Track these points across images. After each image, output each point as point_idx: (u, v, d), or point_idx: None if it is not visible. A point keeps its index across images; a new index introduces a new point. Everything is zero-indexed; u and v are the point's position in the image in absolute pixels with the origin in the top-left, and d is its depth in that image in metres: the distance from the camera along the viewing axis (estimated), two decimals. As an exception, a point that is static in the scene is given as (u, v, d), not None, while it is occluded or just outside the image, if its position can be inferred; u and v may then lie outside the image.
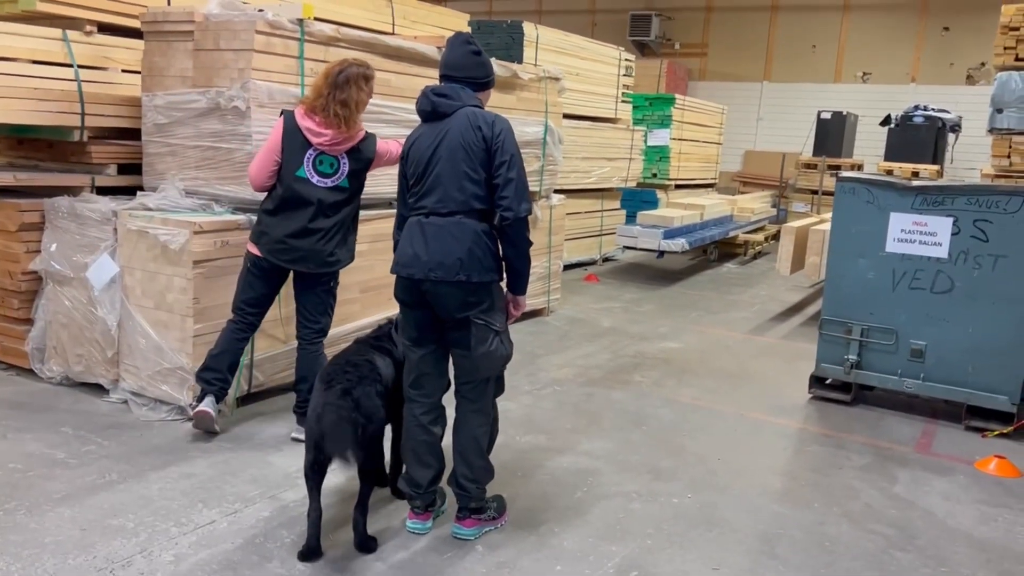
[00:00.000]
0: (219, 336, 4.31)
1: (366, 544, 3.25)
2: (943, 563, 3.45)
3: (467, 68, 3.37)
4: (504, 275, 3.38)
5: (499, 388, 3.54)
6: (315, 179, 4.11)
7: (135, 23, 5.06)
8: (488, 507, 3.50)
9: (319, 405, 3.16)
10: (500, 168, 3.23)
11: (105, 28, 5.34)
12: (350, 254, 4.36)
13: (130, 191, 4.97)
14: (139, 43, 5.06)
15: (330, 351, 5.20)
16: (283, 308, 4.85)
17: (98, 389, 4.79)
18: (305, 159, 4.09)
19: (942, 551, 3.55)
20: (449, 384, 3.56)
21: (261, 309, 4.37)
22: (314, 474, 3.16)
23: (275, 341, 4.86)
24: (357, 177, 4.25)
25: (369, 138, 4.26)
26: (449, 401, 3.51)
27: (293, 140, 4.08)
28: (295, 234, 4.12)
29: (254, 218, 4.63)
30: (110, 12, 5.31)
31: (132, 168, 5.14)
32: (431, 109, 3.33)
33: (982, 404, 5.04)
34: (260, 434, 4.39)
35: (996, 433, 4.96)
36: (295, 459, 4.07)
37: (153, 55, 4.86)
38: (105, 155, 5.13)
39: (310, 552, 3.17)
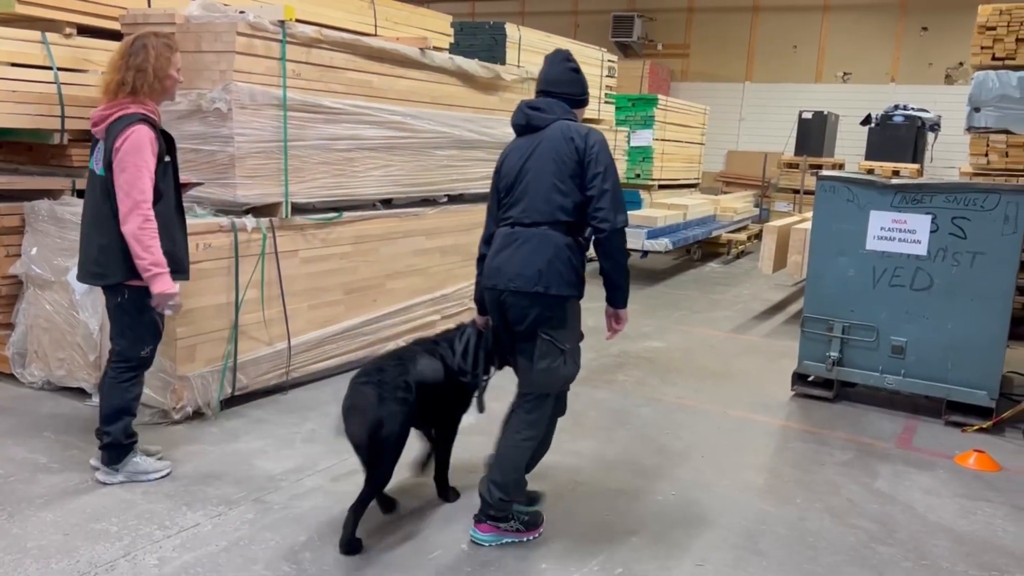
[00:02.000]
0: None
1: (352, 545, 3.24)
2: (924, 556, 3.49)
3: (565, 84, 3.40)
4: (582, 292, 3.32)
5: (560, 408, 3.50)
6: (95, 168, 3.56)
7: (115, 25, 5.03)
8: (514, 517, 3.40)
9: (348, 393, 3.30)
10: (595, 179, 3.19)
11: (84, 30, 5.30)
12: (114, 262, 3.53)
13: (111, 194, 4.94)
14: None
15: (314, 352, 5.21)
16: (266, 311, 4.85)
17: (80, 393, 4.76)
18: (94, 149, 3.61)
19: (923, 545, 3.59)
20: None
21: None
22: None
23: (258, 343, 4.85)
24: (112, 168, 3.48)
25: (127, 116, 3.47)
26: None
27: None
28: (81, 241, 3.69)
29: (236, 220, 4.64)
30: (89, 14, 5.27)
31: (113, 171, 5.10)
32: (525, 122, 3.35)
33: (962, 399, 5.09)
34: (244, 436, 4.38)
35: (975, 428, 5.02)
36: (279, 462, 4.07)
37: (133, 57, 4.83)
38: (85, 158, 5.08)
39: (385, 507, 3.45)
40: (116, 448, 3.72)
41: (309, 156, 5.03)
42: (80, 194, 4.97)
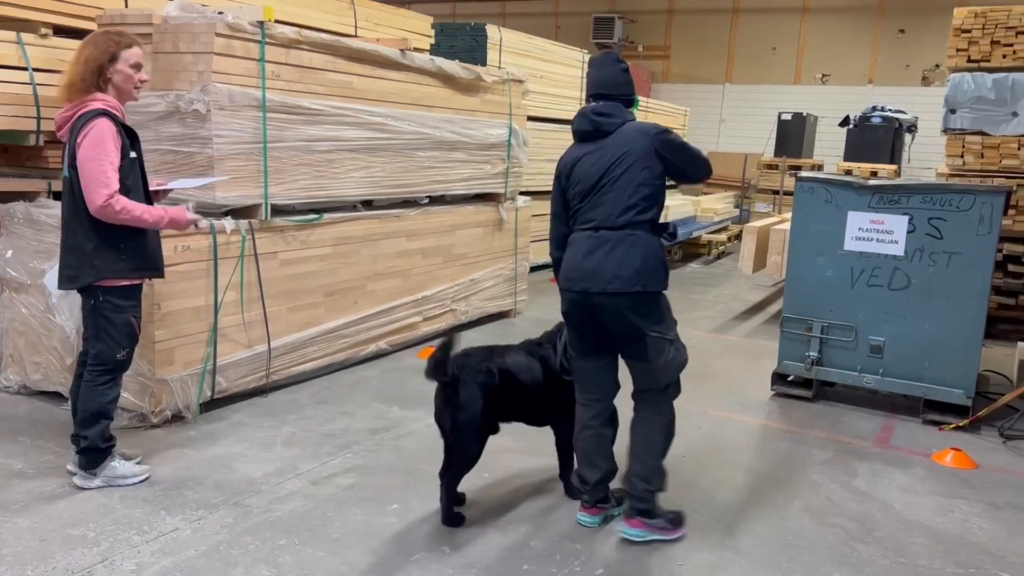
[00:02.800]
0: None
1: (451, 518, 3.48)
2: (901, 554, 3.52)
3: (621, 86, 3.49)
4: (667, 285, 3.45)
5: (676, 390, 3.58)
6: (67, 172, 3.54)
7: (91, 25, 4.98)
8: (661, 514, 3.48)
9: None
10: (677, 152, 3.41)
11: (60, 30, 5.25)
12: (90, 264, 3.51)
13: (88, 196, 4.89)
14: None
15: (295, 355, 5.19)
16: (245, 313, 4.82)
17: (57, 397, 4.71)
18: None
19: (900, 542, 3.62)
20: (619, 387, 3.62)
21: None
22: (443, 437, 3.51)
23: (238, 346, 4.82)
24: (76, 170, 3.45)
25: (89, 112, 3.45)
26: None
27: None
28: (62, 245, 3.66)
29: (216, 222, 4.62)
30: (65, 14, 5.23)
31: (90, 172, 5.05)
32: (594, 128, 3.42)
33: (939, 398, 5.14)
34: (223, 440, 4.34)
35: (952, 426, 5.07)
36: (259, 465, 4.05)
37: (110, 58, 4.79)
38: (61, 159, 5.04)
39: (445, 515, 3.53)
40: (93, 452, 3.68)
41: (289, 157, 5.00)
42: (57, 196, 4.93)
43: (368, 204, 5.89)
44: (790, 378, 5.65)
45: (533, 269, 9.41)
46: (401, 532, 3.47)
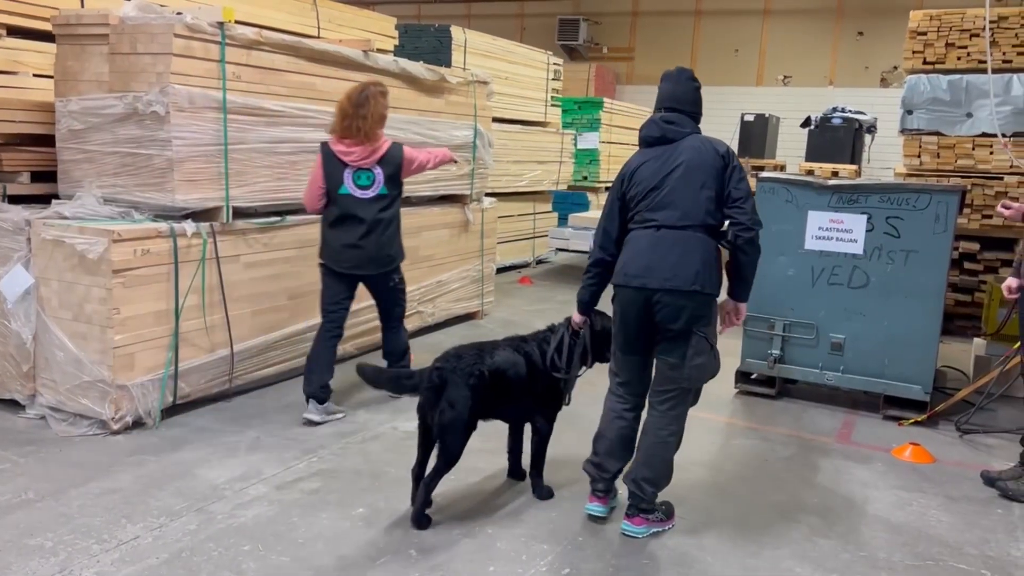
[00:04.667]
0: (313, 340, 4.82)
1: (421, 520, 3.50)
2: (862, 548, 3.58)
3: (692, 103, 3.63)
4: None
5: (696, 398, 3.66)
6: (357, 193, 4.66)
7: (47, 26, 4.89)
8: (657, 509, 3.60)
9: (426, 371, 3.58)
10: (740, 184, 3.46)
11: (15, 31, 5.16)
12: (401, 252, 4.95)
13: (45, 199, 4.81)
14: (51, 47, 4.90)
15: (258, 359, 5.14)
16: (207, 317, 4.76)
17: (13, 405, 4.61)
18: (345, 177, 4.64)
19: (861, 536, 3.69)
20: (650, 384, 3.66)
21: (340, 311, 4.85)
22: (420, 435, 3.60)
23: (200, 351, 4.76)
24: (394, 182, 4.78)
25: (395, 146, 4.79)
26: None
27: (331, 164, 4.65)
28: (350, 245, 4.68)
29: (175, 225, 4.57)
30: (20, 15, 5.13)
31: (46, 176, 4.96)
32: (660, 135, 3.55)
33: (898, 394, 5.24)
34: (186, 446, 4.29)
35: (911, 421, 5.17)
36: (222, 470, 4.00)
37: (66, 59, 4.71)
38: (17, 162, 4.94)
39: (415, 506, 3.57)
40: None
41: (251, 159, 4.95)
42: (12, 200, 4.84)
43: (332, 206, 5.84)
44: (753, 376, 5.71)
45: (500, 270, 9.43)
46: (367, 536, 3.45)
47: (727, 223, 3.51)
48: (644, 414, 3.66)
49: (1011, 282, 4.35)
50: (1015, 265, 4.39)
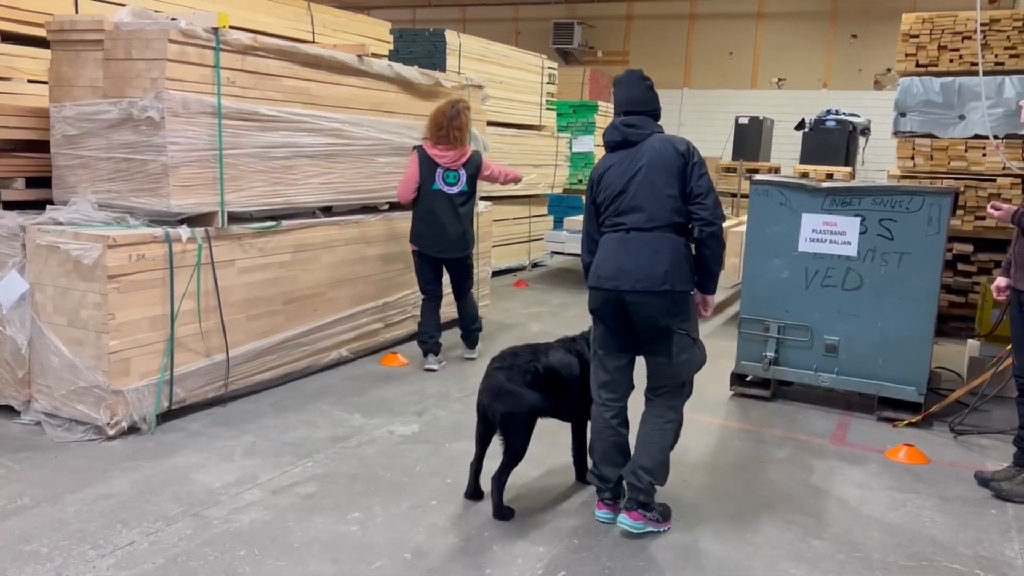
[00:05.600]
0: (420, 310, 6.03)
1: (501, 512, 3.64)
2: (856, 548, 3.59)
3: (647, 103, 3.72)
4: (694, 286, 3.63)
5: (690, 390, 3.75)
6: (446, 188, 5.74)
7: (41, 32, 4.89)
8: (655, 507, 3.64)
9: (485, 374, 3.75)
10: (700, 180, 3.54)
11: (9, 37, 5.15)
12: (473, 239, 6.02)
13: (39, 205, 4.81)
14: (45, 52, 4.90)
15: (254, 364, 5.14)
16: (203, 322, 4.77)
17: (9, 411, 4.61)
18: (437, 176, 5.73)
19: (855, 537, 3.70)
20: (633, 388, 3.77)
21: (436, 285, 5.99)
22: (479, 427, 3.75)
23: (195, 355, 4.76)
24: (472, 183, 5.88)
25: (476, 153, 5.94)
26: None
27: (426, 165, 5.73)
28: (439, 232, 5.78)
29: (171, 230, 4.57)
30: (14, 20, 5.12)
31: (41, 182, 4.96)
32: (622, 139, 3.64)
33: (892, 395, 5.26)
34: (181, 451, 4.29)
35: (906, 423, 5.18)
36: (219, 476, 4.00)
37: (61, 65, 4.72)
38: (12, 168, 4.94)
39: (468, 493, 3.83)
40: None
41: (246, 164, 4.96)
42: (7, 205, 4.84)
43: (327, 210, 5.86)
44: (748, 378, 5.73)
45: (495, 274, 9.44)
46: (363, 540, 3.46)
47: (690, 218, 3.57)
48: (643, 410, 3.71)
49: (1000, 282, 4.39)
50: (1004, 266, 4.42)
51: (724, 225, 3.58)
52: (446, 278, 6.14)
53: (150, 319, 4.48)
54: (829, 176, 10.94)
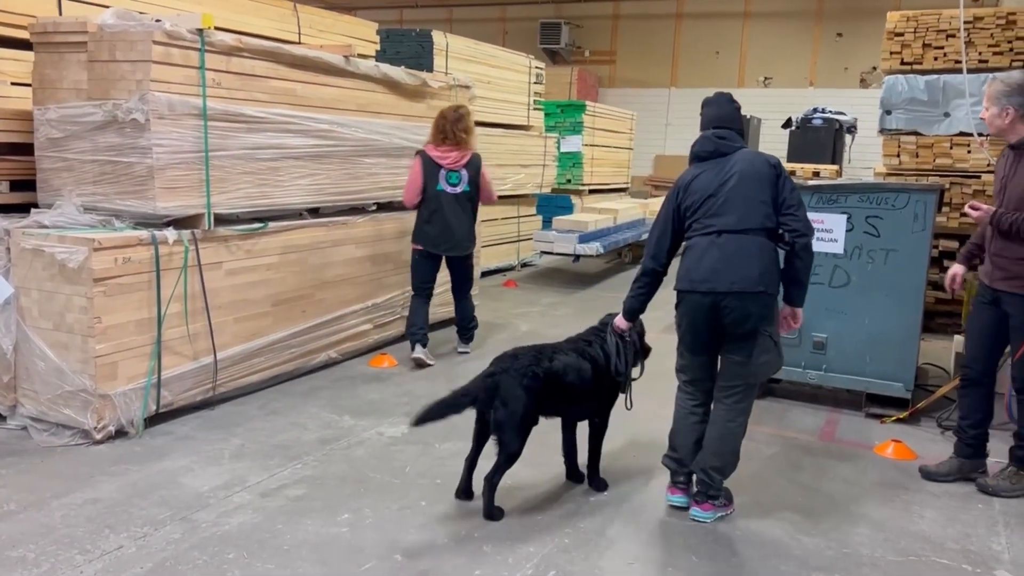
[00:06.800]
0: (410, 307, 6.11)
1: (491, 512, 3.64)
2: (845, 545, 3.61)
3: (735, 121, 3.89)
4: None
5: (759, 390, 3.89)
6: (448, 188, 5.89)
7: (24, 34, 4.86)
8: (721, 494, 3.78)
9: (486, 370, 3.73)
10: (793, 192, 3.65)
11: (-8, 39, 5.12)
12: (475, 240, 6.23)
13: (24, 208, 4.78)
14: (28, 55, 4.87)
15: (242, 366, 5.12)
16: (190, 325, 4.75)
17: (-6, 416, 4.58)
18: (440, 177, 5.87)
19: (844, 533, 3.71)
20: (715, 379, 3.82)
21: (432, 283, 6.13)
22: (476, 426, 3.74)
23: (183, 358, 4.74)
24: (474, 184, 6.00)
25: (476, 155, 6.04)
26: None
27: (429, 167, 5.86)
28: (444, 231, 5.93)
29: (157, 233, 4.55)
30: (-3, 22, 5.09)
31: (26, 185, 4.92)
32: (714, 148, 3.78)
33: (880, 392, 5.29)
34: (170, 454, 4.27)
35: (893, 419, 5.21)
36: (207, 479, 3.99)
37: (44, 67, 4.68)
38: (-3, 171, 4.91)
39: (460, 492, 3.83)
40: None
41: (232, 166, 4.94)
42: (2, 208, 4.80)
43: (315, 212, 5.84)
44: (737, 376, 5.73)
45: (484, 274, 9.44)
46: (352, 542, 3.45)
47: (781, 229, 3.66)
48: (713, 407, 3.84)
49: (957, 269, 4.43)
50: (963, 255, 4.47)
51: None
52: (443, 276, 6.20)
53: (137, 322, 4.45)
54: (816, 174, 10.98)
